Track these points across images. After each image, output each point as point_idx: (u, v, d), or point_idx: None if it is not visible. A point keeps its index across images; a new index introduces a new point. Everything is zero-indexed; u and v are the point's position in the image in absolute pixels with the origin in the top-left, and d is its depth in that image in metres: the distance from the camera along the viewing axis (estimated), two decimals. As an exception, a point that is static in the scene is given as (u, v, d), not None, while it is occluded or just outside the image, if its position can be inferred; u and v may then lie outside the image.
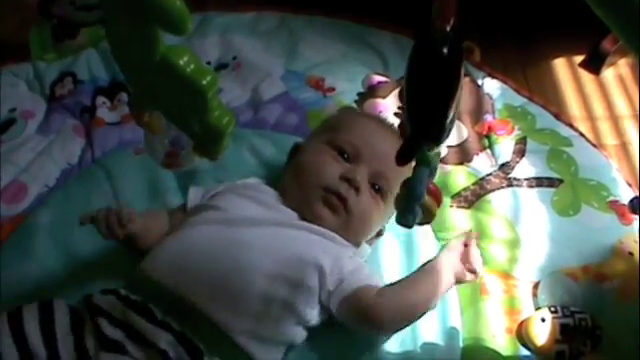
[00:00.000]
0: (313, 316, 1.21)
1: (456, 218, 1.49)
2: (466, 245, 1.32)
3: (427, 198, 0.95)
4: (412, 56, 0.82)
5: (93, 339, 1.11)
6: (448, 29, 0.78)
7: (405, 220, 0.96)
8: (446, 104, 0.84)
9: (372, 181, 1.32)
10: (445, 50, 0.79)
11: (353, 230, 1.30)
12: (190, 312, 1.13)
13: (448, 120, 0.86)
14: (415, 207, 0.94)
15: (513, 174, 1.60)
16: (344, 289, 1.20)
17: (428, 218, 0.98)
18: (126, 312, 1.13)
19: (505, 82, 1.87)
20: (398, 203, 0.96)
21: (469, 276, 1.30)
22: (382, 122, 1.47)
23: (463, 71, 0.82)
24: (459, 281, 1.30)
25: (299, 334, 1.21)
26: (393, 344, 1.27)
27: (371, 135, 1.37)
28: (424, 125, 0.87)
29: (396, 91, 1.77)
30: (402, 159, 0.91)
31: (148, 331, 1.10)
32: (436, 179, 1.53)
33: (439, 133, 0.88)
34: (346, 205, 1.29)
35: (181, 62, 0.79)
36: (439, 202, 0.98)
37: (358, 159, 1.33)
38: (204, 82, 0.80)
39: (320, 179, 1.30)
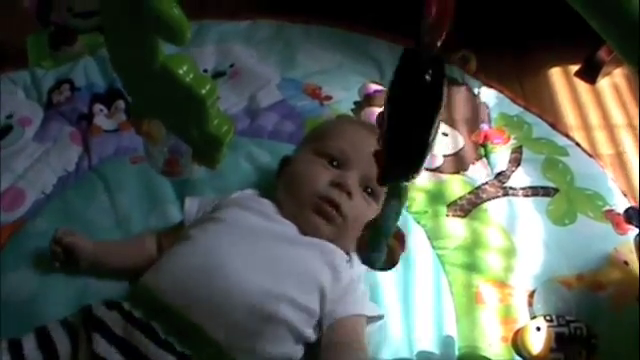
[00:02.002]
0: (312, 334, 1.20)
1: (452, 227, 1.49)
2: None
3: (392, 240, 0.92)
4: (395, 80, 0.79)
5: (86, 357, 1.11)
6: (439, 44, 0.75)
7: (371, 259, 0.93)
8: (426, 141, 0.80)
9: (364, 184, 1.32)
10: (428, 77, 0.76)
11: (350, 236, 1.28)
12: (191, 330, 1.12)
13: (425, 157, 0.82)
14: (383, 244, 0.92)
15: (509, 183, 1.61)
16: (330, 317, 1.20)
17: (391, 262, 0.94)
18: (129, 330, 1.12)
19: (501, 91, 1.87)
20: (363, 241, 0.93)
21: None
22: (369, 127, 1.45)
23: (447, 91, 0.77)
24: None
25: (298, 352, 1.20)
26: (388, 352, 1.26)
27: (359, 140, 1.35)
28: (402, 160, 0.84)
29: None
30: (383, 183, 0.88)
31: (151, 352, 1.09)
32: (432, 187, 1.56)
33: (415, 170, 0.84)
34: (339, 211, 1.28)
35: (180, 71, 0.79)
36: (403, 247, 0.94)
37: (347, 165, 1.32)
38: (203, 91, 0.80)
39: (311, 188, 1.30)
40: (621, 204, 1.57)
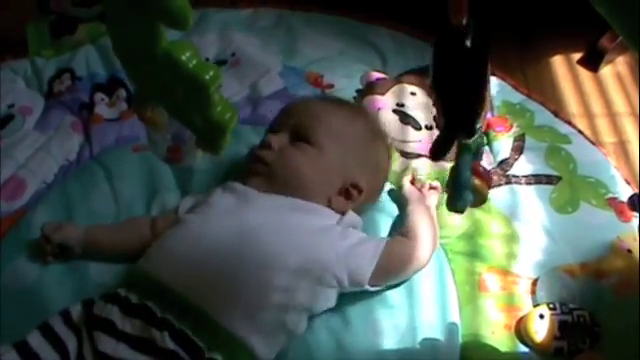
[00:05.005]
0: (317, 307, 1.22)
1: (455, 215, 1.48)
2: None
3: (476, 180, 1.00)
4: (436, 52, 0.86)
5: (90, 355, 1.11)
6: (464, 23, 0.81)
7: (455, 207, 1.02)
8: (477, 98, 0.89)
9: (294, 137, 1.36)
10: (468, 43, 0.85)
11: (284, 180, 1.32)
12: (189, 308, 1.12)
13: (481, 114, 0.91)
14: (463, 193, 1.00)
15: (511, 171, 1.60)
16: (361, 272, 1.23)
17: (480, 200, 1.03)
18: (128, 321, 1.12)
19: (504, 79, 1.86)
20: (449, 197, 1.02)
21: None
22: (304, 99, 1.55)
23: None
24: None
25: (301, 325, 1.21)
26: (393, 339, 1.26)
27: (287, 108, 1.45)
28: (458, 121, 0.92)
29: (394, 88, 1.77)
30: (438, 155, 0.97)
31: (152, 336, 1.09)
32: (434, 175, 1.56)
33: (472, 127, 0.92)
34: (264, 161, 1.33)
35: (183, 57, 0.79)
36: (488, 182, 1.05)
37: (274, 131, 1.39)
38: (207, 77, 0.80)
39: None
40: (624, 192, 1.57)
